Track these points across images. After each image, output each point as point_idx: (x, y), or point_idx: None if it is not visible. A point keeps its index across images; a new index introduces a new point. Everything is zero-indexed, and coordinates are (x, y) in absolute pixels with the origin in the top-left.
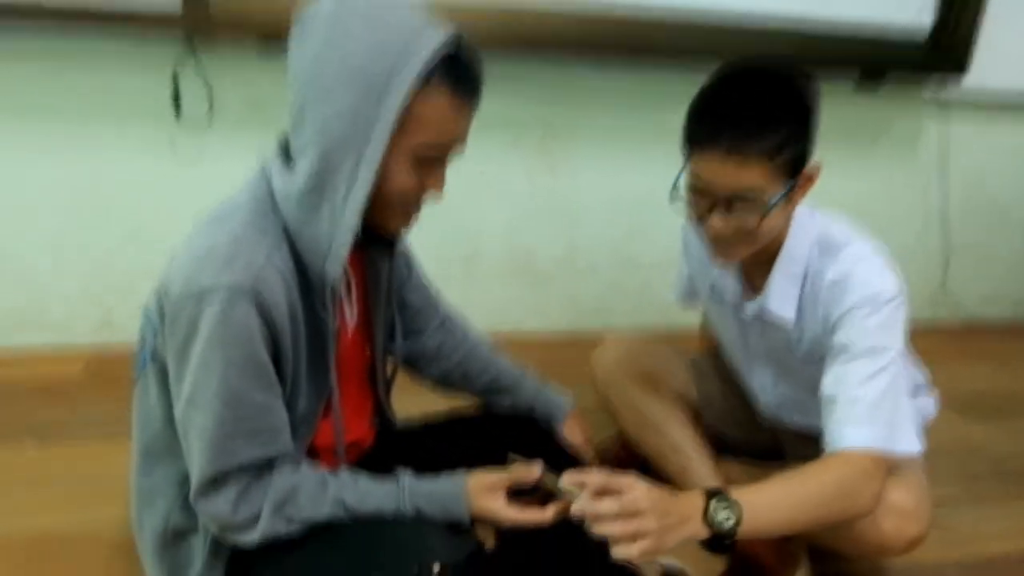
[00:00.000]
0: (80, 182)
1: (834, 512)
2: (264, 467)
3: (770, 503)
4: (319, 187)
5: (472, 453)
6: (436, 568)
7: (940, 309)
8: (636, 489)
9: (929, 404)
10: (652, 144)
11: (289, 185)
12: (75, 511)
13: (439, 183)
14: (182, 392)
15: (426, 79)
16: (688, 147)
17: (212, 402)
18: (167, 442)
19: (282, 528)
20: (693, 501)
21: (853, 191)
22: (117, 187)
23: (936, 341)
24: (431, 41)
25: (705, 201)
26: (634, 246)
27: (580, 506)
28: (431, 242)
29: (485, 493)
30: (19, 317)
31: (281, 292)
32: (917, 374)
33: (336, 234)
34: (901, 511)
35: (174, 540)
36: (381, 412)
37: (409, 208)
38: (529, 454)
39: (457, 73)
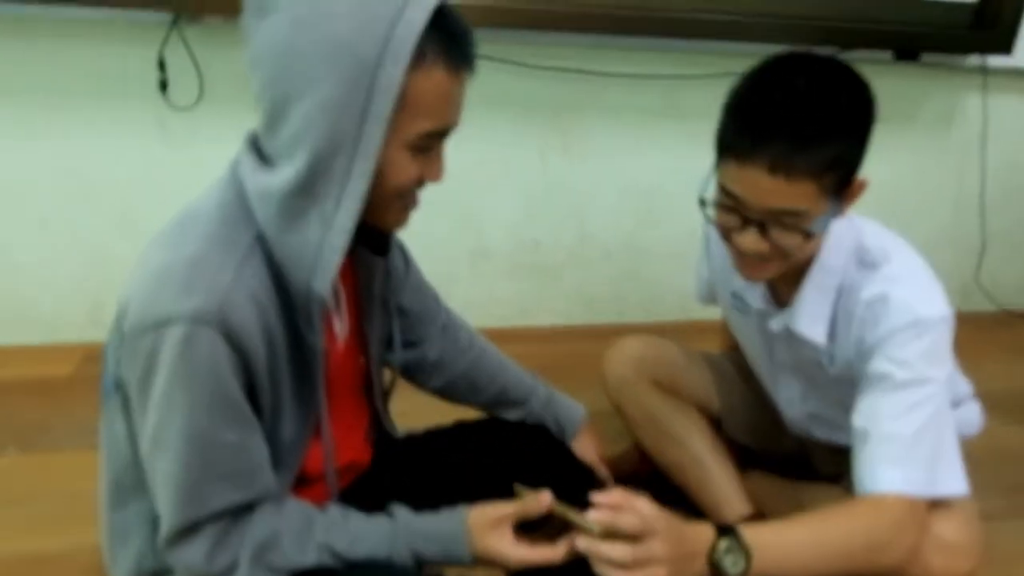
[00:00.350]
0: (65, 168)
1: (858, 563)
2: (242, 510)
3: (787, 549)
4: (307, 191)
5: (479, 465)
6: None
7: (973, 300)
8: (653, 536)
9: (973, 417)
10: (671, 123)
11: (268, 187)
12: (54, 532)
13: (439, 170)
14: (145, 431)
15: (421, 54)
16: (723, 154)
17: (177, 445)
18: (138, 476)
19: None
20: (702, 536)
21: (884, 173)
22: (104, 173)
23: (969, 334)
24: (420, 8)
25: (737, 217)
26: (649, 233)
27: (586, 545)
28: (435, 235)
29: (489, 530)
30: (5, 313)
31: (252, 315)
32: (961, 384)
33: (326, 243)
34: (952, 547)
35: None
36: (379, 424)
37: (407, 201)
38: (540, 465)
39: (450, 41)
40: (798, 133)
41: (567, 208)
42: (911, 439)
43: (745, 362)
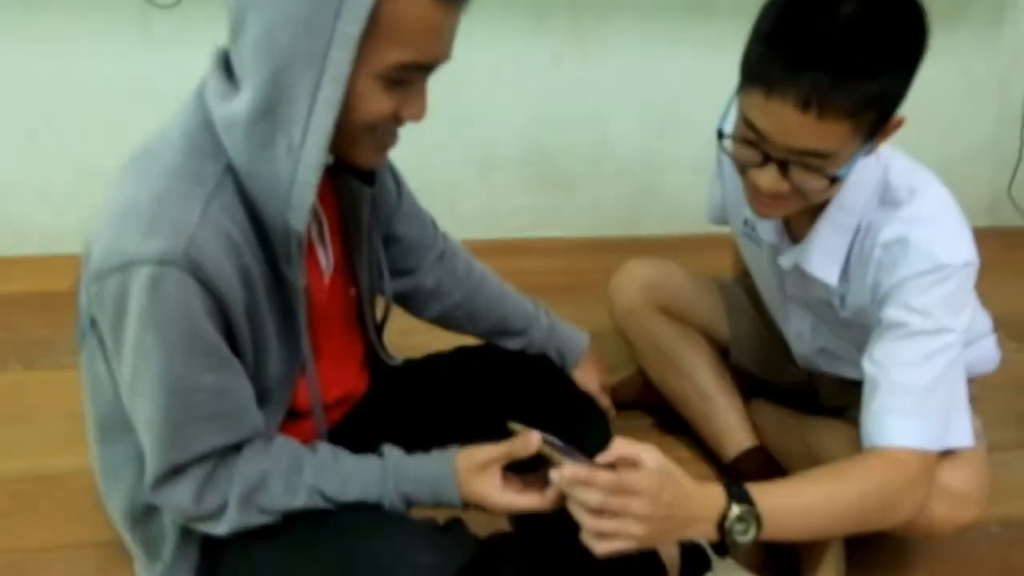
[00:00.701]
0: (50, 78)
1: (870, 523)
2: (228, 451)
3: (799, 513)
4: (270, 115)
5: (477, 394)
6: None
7: (1003, 214)
8: (639, 494)
9: (990, 353)
10: (699, 22)
11: (232, 112)
12: (60, 451)
13: (420, 108)
14: (123, 375)
15: None
16: (750, 82)
17: (155, 391)
18: (122, 415)
19: (253, 519)
20: (710, 501)
21: (924, 80)
22: (90, 82)
23: (994, 250)
24: None
25: (757, 153)
26: (670, 144)
27: (563, 485)
28: (441, 144)
29: (476, 473)
30: (2, 225)
31: (224, 253)
32: (980, 319)
33: (297, 179)
34: (957, 496)
35: (143, 516)
36: (375, 353)
37: (383, 139)
38: (540, 394)
39: None
40: (841, 65)
41: (582, 117)
42: (925, 390)
43: (756, 289)
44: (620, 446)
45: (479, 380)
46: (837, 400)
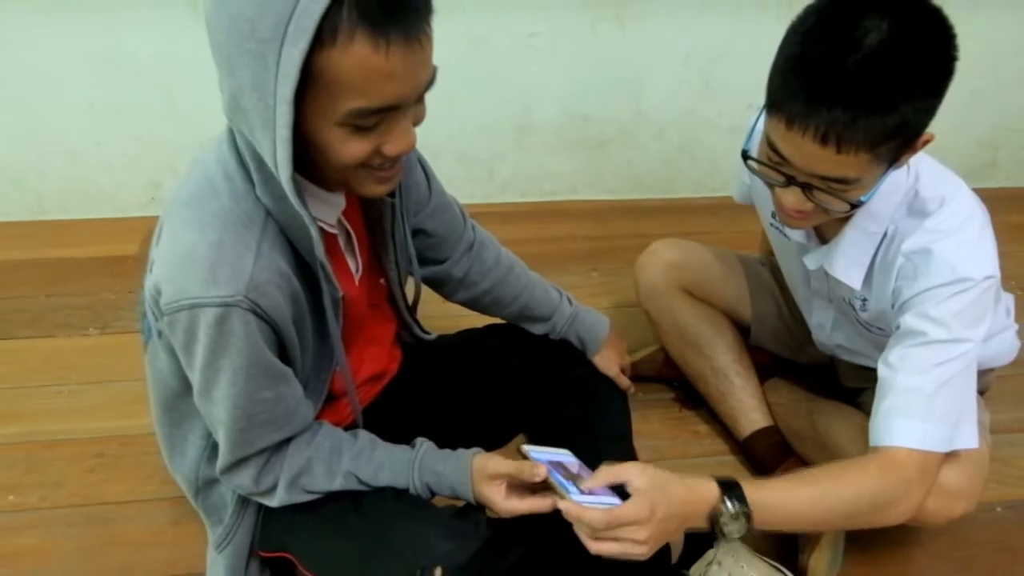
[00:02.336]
0: (104, 52)
1: (864, 522)
2: (282, 443)
3: (791, 508)
4: (263, 169)
5: (503, 373)
6: (438, 573)
7: None
8: (632, 516)
9: (1008, 347)
10: None
11: (255, 165)
12: (135, 413)
13: (402, 143)
14: (196, 382)
15: (332, 28)
16: (771, 108)
17: (223, 402)
18: (183, 404)
19: (298, 497)
20: (702, 498)
21: (983, 34)
22: (143, 56)
23: None
24: None
25: (781, 175)
26: (707, 106)
27: (566, 508)
28: (479, 109)
29: (487, 481)
30: (71, 190)
31: (277, 287)
32: (1002, 314)
33: (296, 223)
34: (949, 492)
35: (204, 487)
36: (409, 330)
37: (379, 172)
38: (562, 375)
39: (375, 8)
40: (858, 101)
41: (618, 81)
42: (933, 394)
43: (780, 270)
44: (605, 475)
45: (505, 362)
46: (855, 382)
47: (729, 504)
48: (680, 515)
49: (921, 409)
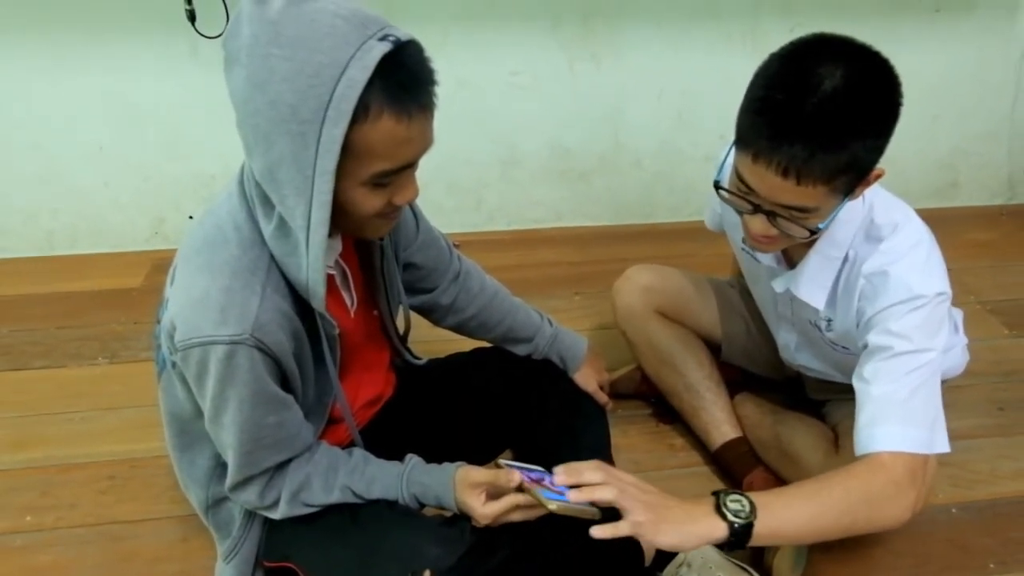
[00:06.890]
0: (113, 97)
1: (859, 521)
2: (285, 462)
3: (789, 507)
4: (285, 230)
5: (489, 392)
6: (427, 575)
7: (1016, 194)
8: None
9: (959, 361)
10: (702, 24)
11: (265, 221)
12: (144, 437)
13: (410, 193)
14: (205, 409)
15: (364, 108)
16: (739, 143)
17: (231, 428)
18: (195, 430)
19: (299, 510)
20: (701, 502)
21: (941, 65)
22: (149, 100)
23: (1011, 230)
24: (363, 63)
25: (748, 203)
26: (681, 136)
27: (556, 509)
28: (466, 147)
29: (467, 489)
30: (79, 226)
31: (279, 326)
32: (957, 333)
33: (309, 278)
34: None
35: (215, 504)
36: (402, 356)
37: (387, 218)
38: (545, 391)
39: (398, 90)
40: (815, 139)
41: (598, 115)
42: (907, 399)
43: (749, 291)
44: (562, 470)
45: (492, 382)
46: (820, 394)
47: (728, 495)
48: (676, 501)
49: (897, 414)
